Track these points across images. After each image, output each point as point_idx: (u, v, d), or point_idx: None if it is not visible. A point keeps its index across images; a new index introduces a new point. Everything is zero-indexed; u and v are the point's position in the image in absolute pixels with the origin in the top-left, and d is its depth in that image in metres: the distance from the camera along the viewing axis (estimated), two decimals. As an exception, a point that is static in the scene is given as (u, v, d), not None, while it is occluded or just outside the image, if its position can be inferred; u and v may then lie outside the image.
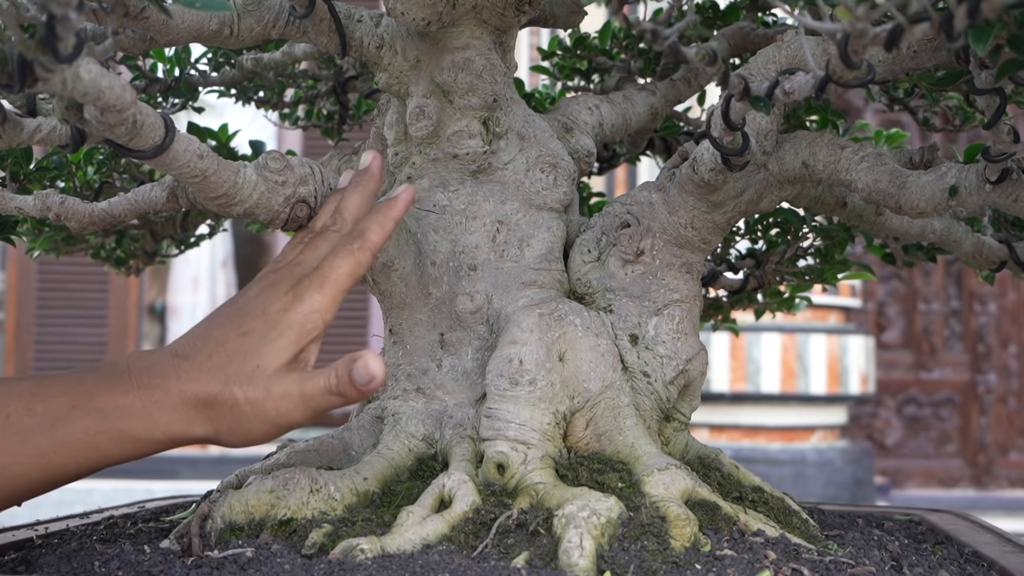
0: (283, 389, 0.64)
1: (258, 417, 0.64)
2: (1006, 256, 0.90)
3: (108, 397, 0.63)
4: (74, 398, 0.63)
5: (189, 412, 0.63)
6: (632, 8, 1.92)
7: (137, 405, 0.63)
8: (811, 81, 0.56)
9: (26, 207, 0.79)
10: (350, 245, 0.69)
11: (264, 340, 0.64)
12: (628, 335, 0.80)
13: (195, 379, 0.63)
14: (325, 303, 0.67)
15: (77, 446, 0.62)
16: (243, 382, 0.63)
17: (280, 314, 0.65)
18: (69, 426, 0.62)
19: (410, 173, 0.83)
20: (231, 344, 0.64)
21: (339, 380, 0.63)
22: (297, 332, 0.65)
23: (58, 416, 0.62)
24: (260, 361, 0.64)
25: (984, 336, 5.87)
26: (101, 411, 0.62)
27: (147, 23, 0.68)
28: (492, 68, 0.79)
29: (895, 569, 0.66)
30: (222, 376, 0.63)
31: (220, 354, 0.64)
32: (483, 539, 0.65)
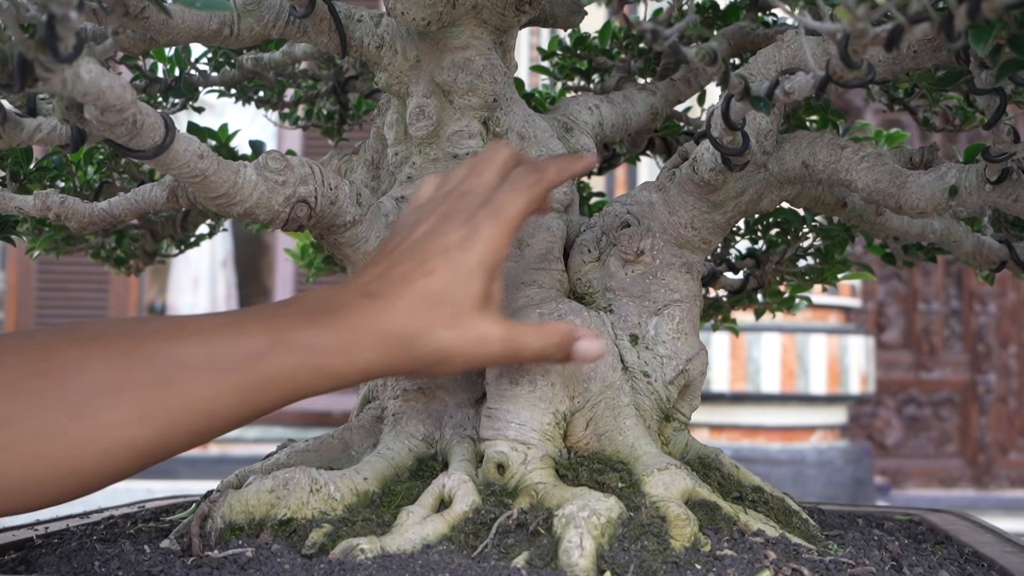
0: (498, 335, 0.67)
1: (463, 358, 0.67)
2: (1006, 256, 0.90)
3: (306, 334, 0.64)
4: (272, 335, 0.64)
5: (387, 350, 0.65)
6: (632, 8, 1.92)
7: (334, 343, 0.64)
8: (811, 81, 0.56)
9: (26, 207, 0.79)
10: (526, 178, 0.70)
11: (453, 283, 0.67)
12: (628, 335, 0.80)
13: (392, 319, 0.65)
14: (501, 241, 0.68)
15: (277, 381, 0.64)
16: (448, 326, 0.66)
17: (460, 252, 0.67)
18: (270, 362, 0.63)
19: (410, 173, 0.83)
20: (419, 284, 0.66)
21: (557, 349, 0.69)
22: (481, 274, 0.67)
23: (258, 353, 0.63)
24: (458, 307, 0.66)
25: (984, 336, 5.87)
26: (300, 348, 0.64)
27: (147, 23, 0.68)
28: (492, 68, 0.79)
29: (895, 569, 0.66)
30: (421, 317, 0.66)
31: (411, 294, 0.66)
32: (483, 539, 0.65)
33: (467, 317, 0.67)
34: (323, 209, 0.74)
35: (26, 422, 0.58)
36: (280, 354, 0.64)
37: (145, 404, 0.61)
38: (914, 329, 5.87)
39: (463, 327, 0.66)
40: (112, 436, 0.60)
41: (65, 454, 0.59)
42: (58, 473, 0.59)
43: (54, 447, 0.59)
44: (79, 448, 0.59)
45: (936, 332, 5.86)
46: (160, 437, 0.62)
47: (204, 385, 0.62)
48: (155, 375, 0.61)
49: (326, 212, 0.74)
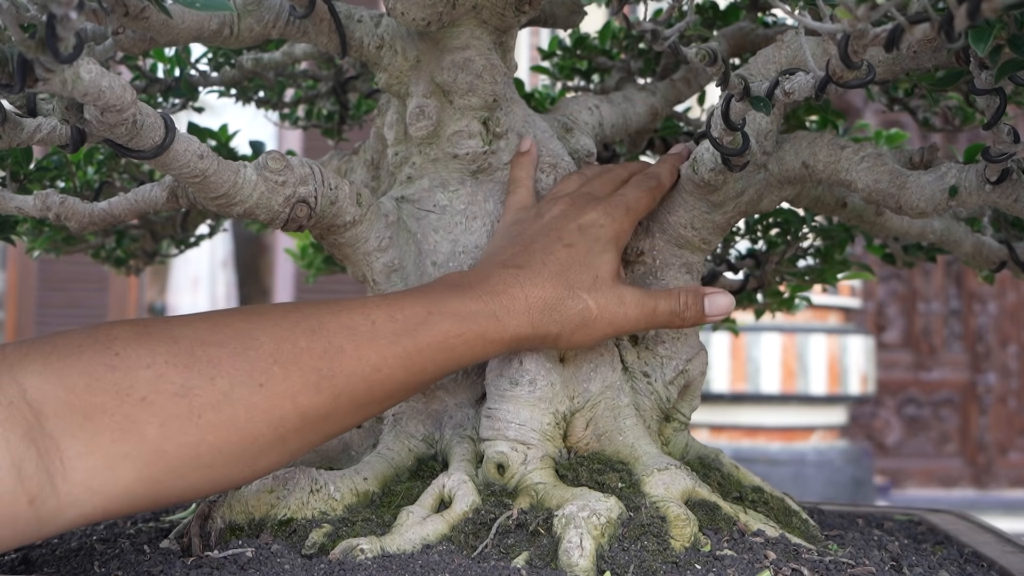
0: (635, 299, 0.73)
1: (605, 320, 0.72)
2: (1006, 256, 0.90)
3: (459, 303, 0.68)
4: (428, 305, 0.67)
5: (535, 315, 0.70)
6: (632, 8, 1.92)
7: (488, 310, 0.68)
8: (811, 81, 0.56)
9: (26, 207, 0.79)
10: (647, 182, 0.78)
11: (591, 253, 0.73)
12: (628, 335, 0.80)
13: (539, 285, 0.70)
14: (627, 225, 0.76)
15: (438, 347, 0.67)
16: (587, 288, 0.71)
17: (596, 229, 0.73)
18: (430, 330, 0.66)
19: (410, 173, 0.83)
20: (560, 254, 0.72)
21: (688, 306, 0.74)
22: (614, 248, 0.74)
23: (418, 322, 0.66)
24: (598, 272, 0.72)
25: (984, 336, 5.87)
26: (456, 315, 0.67)
27: (147, 23, 0.68)
28: (492, 68, 0.79)
29: (895, 569, 0.66)
30: (564, 282, 0.71)
31: (553, 263, 0.71)
32: (483, 539, 0.65)
33: (605, 282, 0.72)
34: (323, 209, 0.74)
35: (205, 390, 0.58)
36: (437, 321, 0.67)
37: (317, 372, 0.62)
38: (914, 329, 5.87)
39: (602, 290, 0.72)
40: (288, 404, 0.61)
41: (244, 422, 0.59)
42: (236, 441, 0.59)
43: (234, 415, 0.59)
44: (257, 416, 0.60)
45: (936, 332, 5.86)
46: (331, 405, 0.63)
47: (371, 353, 0.64)
48: (325, 344, 0.63)
49: (326, 212, 0.74)
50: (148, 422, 0.56)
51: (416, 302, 0.67)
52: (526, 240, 0.73)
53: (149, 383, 0.56)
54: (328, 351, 0.63)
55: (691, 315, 0.74)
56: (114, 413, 0.55)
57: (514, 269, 0.71)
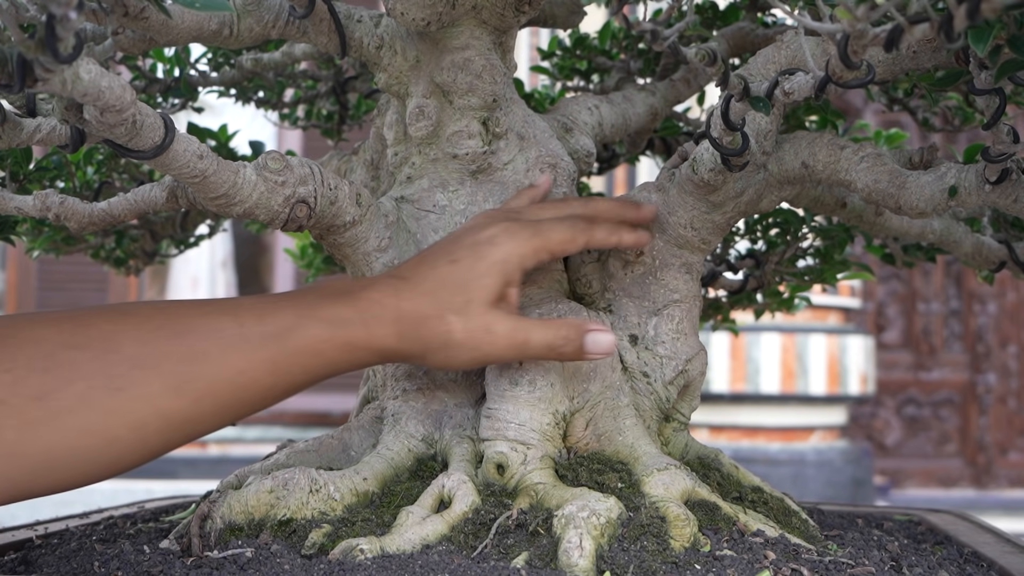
0: (506, 330, 0.69)
1: (469, 347, 0.68)
2: (1005, 256, 0.90)
3: (332, 309, 0.67)
4: (300, 310, 0.67)
5: (402, 327, 0.68)
6: (632, 8, 1.92)
7: (357, 318, 0.67)
8: (811, 81, 0.56)
9: (25, 207, 0.79)
10: (577, 222, 0.74)
11: (472, 273, 0.69)
12: (628, 335, 0.80)
13: (411, 299, 0.68)
14: (528, 251, 0.71)
15: (306, 353, 0.66)
16: (456, 311, 0.68)
17: (487, 247, 0.70)
18: (298, 334, 0.65)
19: (410, 173, 0.83)
20: (442, 270, 0.70)
21: (567, 341, 0.69)
22: (499, 272, 0.70)
23: (287, 326, 0.65)
24: (471, 296, 0.68)
25: (984, 336, 5.87)
26: (326, 321, 0.66)
27: (147, 23, 0.68)
28: (492, 68, 0.79)
29: (895, 569, 0.66)
30: (436, 300, 0.68)
31: (432, 279, 0.69)
32: (483, 539, 0.65)
33: (477, 307, 0.68)
34: (323, 209, 0.74)
35: (63, 394, 0.58)
36: (307, 326, 0.66)
37: (179, 376, 0.62)
38: (914, 329, 5.87)
39: (471, 315, 0.68)
40: (147, 408, 0.61)
41: (102, 426, 0.60)
42: (94, 444, 0.59)
43: (91, 419, 0.59)
44: (115, 420, 0.60)
45: (936, 332, 5.86)
46: (193, 409, 0.63)
47: (236, 357, 0.64)
48: (188, 348, 0.63)
49: (326, 212, 0.74)
50: (6, 425, 0.57)
51: (289, 306, 0.67)
52: (428, 252, 0.72)
53: (8, 387, 0.57)
54: (191, 355, 0.63)
55: (569, 351, 0.70)
56: None
57: (397, 280, 0.70)
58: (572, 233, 0.73)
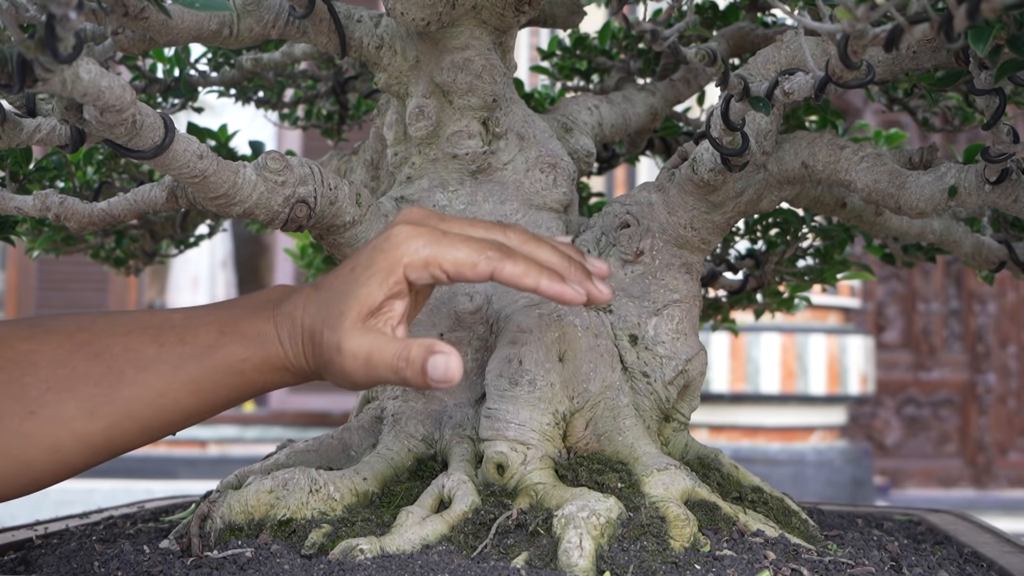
0: (353, 347, 0.60)
1: (334, 366, 0.61)
2: (1005, 256, 0.90)
3: (252, 324, 0.64)
4: (222, 325, 0.64)
5: (305, 346, 0.63)
6: (632, 8, 1.92)
7: (272, 333, 0.64)
8: (811, 81, 0.56)
9: (25, 207, 0.79)
10: (487, 249, 0.62)
11: (355, 283, 0.61)
12: (628, 335, 0.80)
13: (311, 312, 0.63)
14: (417, 259, 0.61)
15: (226, 372, 0.63)
16: (331, 327, 0.61)
17: (377, 254, 0.61)
18: (217, 353, 0.63)
19: (409, 173, 0.83)
20: (341, 278, 0.63)
21: (409, 365, 0.59)
22: (381, 280, 0.61)
23: (208, 344, 0.63)
24: (345, 306, 0.61)
25: (983, 336, 5.87)
26: (246, 337, 0.63)
27: (146, 23, 0.68)
28: (492, 68, 0.79)
29: (894, 569, 0.66)
30: (324, 313, 0.62)
31: (327, 289, 0.63)
32: (483, 539, 0.65)
33: (343, 321, 0.61)
34: (322, 209, 0.74)
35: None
36: (227, 343, 0.63)
37: (95, 399, 0.61)
38: (913, 329, 5.87)
39: (337, 330, 0.61)
40: (62, 431, 0.60)
41: (16, 450, 0.59)
42: (9, 468, 0.59)
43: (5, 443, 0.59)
44: (30, 443, 0.60)
45: (935, 332, 5.86)
46: (111, 431, 0.62)
47: (154, 378, 0.62)
48: (105, 370, 0.62)
49: (325, 212, 0.74)
50: None
51: (214, 322, 0.64)
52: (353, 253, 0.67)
53: None
54: (107, 377, 0.61)
55: (410, 375, 0.59)
56: None
57: (312, 289, 0.64)
58: (474, 258, 0.61)
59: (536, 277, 0.62)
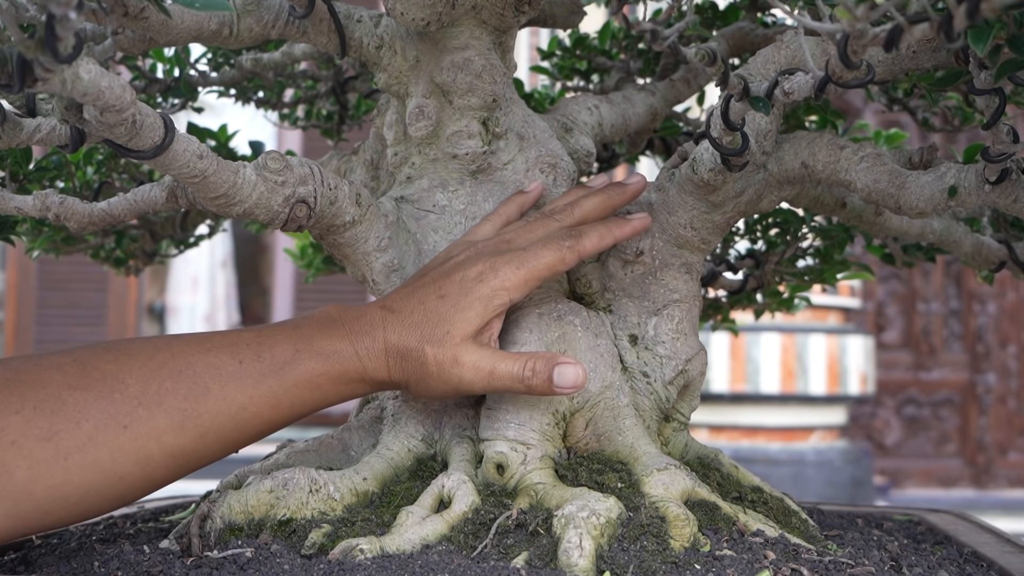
0: (473, 360, 0.69)
1: (441, 378, 0.69)
2: (1005, 256, 0.90)
3: (327, 342, 0.69)
4: (296, 343, 0.69)
5: (389, 360, 0.70)
6: (632, 8, 1.92)
7: (351, 350, 0.69)
8: (810, 81, 0.56)
9: (25, 207, 0.79)
10: (562, 241, 0.73)
11: (456, 307, 0.70)
12: (627, 335, 0.80)
13: (397, 332, 0.70)
14: (515, 282, 0.71)
15: (304, 386, 0.68)
16: (434, 343, 0.69)
17: (474, 283, 0.70)
18: (295, 369, 0.68)
19: (409, 173, 0.83)
20: (429, 304, 0.71)
21: (535, 374, 0.69)
22: (484, 305, 0.70)
23: (285, 361, 0.68)
24: (450, 327, 0.69)
25: (983, 336, 5.87)
26: (322, 354, 0.69)
27: (146, 23, 0.68)
28: (492, 68, 0.79)
29: (894, 569, 0.66)
30: (418, 333, 0.70)
31: (419, 312, 0.70)
32: (482, 539, 0.65)
33: (452, 339, 0.69)
34: (322, 209, 0.74)
35: (71, 434, 0.61)
36: (304, 360, 0.68)
37: (182, 413, 0.64)
38: (913, 329, 5.87)
39: (445, 347, 0.69)
40: (153, 444, 0.64)
41: (110, 463, 0.62)
42: (102, 481, 0.62)
43: (99, 457, 0.61)
44: (123, 457, 0.62)
45: (935, 332, 5.86)
46: (197, 444, 0.65)
47: (237, 393, 0.66)
48: (190, 385, 0.65)
49: (325, 212, 0.74)
50: (17, 465, 0.59)
51: (287, 339, 0.69)
52: (418, 283, 0.73)
53: (18, 428, 0.59)
54: (193, 391, 0.65)
55: (537, 383, 0.69)
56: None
57: (386, 312, 0.71)
58: (559, 255, 0.72)
59: (611, 233, 0.75)
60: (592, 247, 0.74)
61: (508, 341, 0.75)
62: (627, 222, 0.76)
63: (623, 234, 0.76)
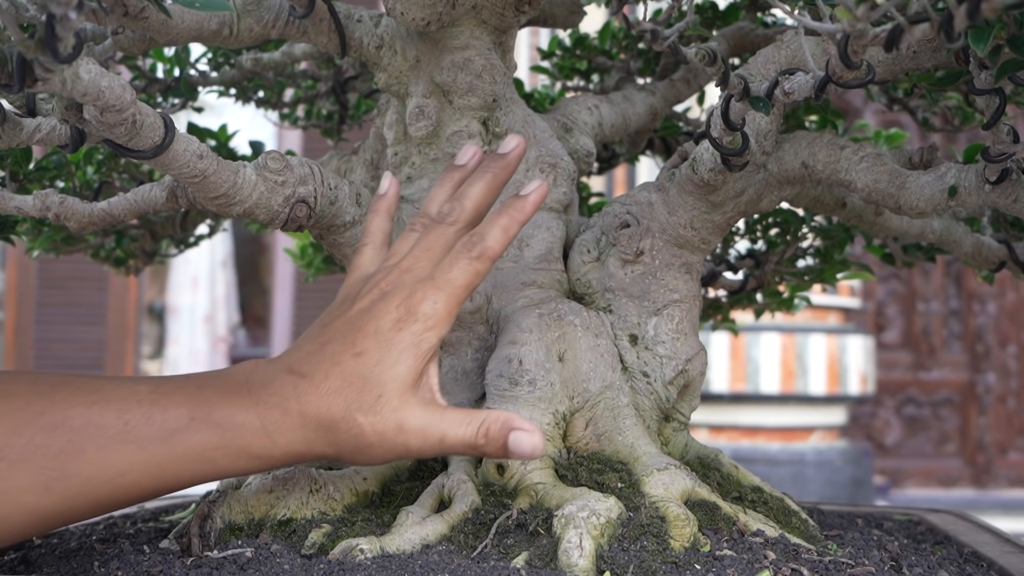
0: (419, 425, 0.62)
1: (384, 448, 0.62)
2: (1005, 256, 0.90)
3: (227, 412, 0.62)
4: (193, 409, 0.61)
5: (309, 433, 0.62)
6: (632, 8, 1.92)
7: (256, 423, 0.61)
8: (811, 81, 0.56)
9: (25, 207, 0.79)
10: (468, 253, 0.65)
11: (381, 365, 0.62)
12: (628, 335, 0.80)
13: (314, 402, 0.62)
14: (439, 318, 0.63)
15: (194, 459, 0.61)
16: (368, 412, 0.61)
17: (393, 333, 0.63)
18: (187, 439, 0.61)
19: (410, 173, 0.83)
20: (347, 365, 0.62)
21: (489, 441, 0.61)
22: (413, 355, 0.62)
23: (176, 428, 0.61)
24: (382, 390, 0.62)
25: (983, 336, 5.87)
26: (220, 426, 0.61)
27: (146, 23, 0.68)
28: (492, 68, 0.79)
29: (894, 569, 0.66)
30: (342, 401, 0.61)
31: (336, 376, 0.62)
32: (483, 539, 0.65)
33: (389, 402, 0.62)
34: (322, 209, 0.74)
35: None
36: (199, 430, 0.61)
37: (50, 473, 0.59)
38: (913, 329, 5.87)
39: (382, 413, 0.61)
40: (11, 503, 0.59)
41: None
42: None
43: None
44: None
45: (935, 332, 5.86)
46: (63, 506, 0.60)
47: (116, 458, 0.60)
48: (64, 444, 0.59)
49: (325, 212, 0.74)
50: None
51: (183, 402, 0.62)
52: (324, 338, 0.65)
53: None
54: (66, 451, 0.59)
55: (492, 450, 0.62)
56: None
57: (296, 377, 0.63)
58: (471, 268, 0.64)
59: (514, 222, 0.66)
60: (500, 245, 0.66)
61: (508, 341, 0.75)
62: (526, 200, 0.67)
63: (526, 215, 0.67)
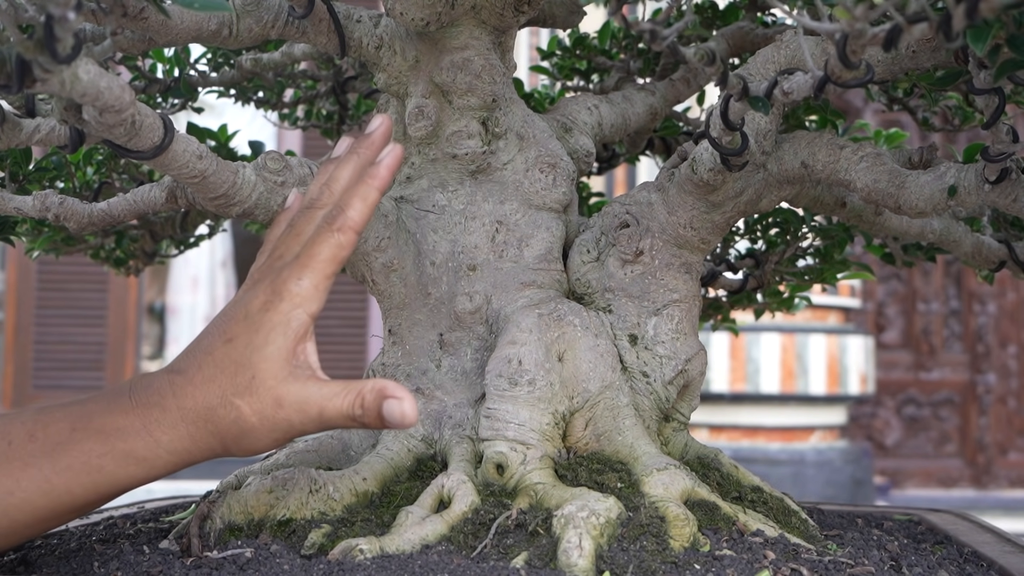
0: (297, 399, 0.61)
1: (267, 427, 0.61)
2: (1005, 256, 0.90)
3: (108, 418, 0.61)
4: (74, 421, 0.61)
5: (191, 427, 0.61)
6: (631, 8, 1.92)
7: (137, 424, 0.61)
8: (810, 81, 0.56)
9: (25, 207, 0.79)
10: (330, 227, 0.64)
11: (251, 347, 0.61)
12: (627, 335, 0.80)
13: (190, 393, 0.61)
14: (306, 295, 0.62)
15: (80, 469, 0.60)
16: (243, 393, 0.61)
17: (261, 315, 0.62)
18: (70, 449, 0.60)
19: (409, 173, 0.83)
20: (218, 353, 0.62)
21: (365, 411, 0.60)
22: (282, 334, 0.61)
23: (59, 440, 0.60)
24: (255, 371, 0.61)
25: (983, 336, 5.87)
26: (101, 432, 0.61)
27: (146, 23, 0.68)
28: (491, 68, 0.79)
29: (894, 569, 0.66)
30: (217, 389, 0.61)
31: (209, 365, 0.62)
32: (482, 539, 0.65)
33: (263, 381, 0.61)
34: (322, 209, 0.74)
35: None
36: (80, 440, 0.61)
37: None
38: (913, 329, 5.87)
39: (258, 393, 0.61)
40: None
41: None
42: None
43: None
44: None
45: (935, 332, 5.86)
46: None
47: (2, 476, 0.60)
48: None
49: (325, 212, 0.74)
50: None
51: (63, 418, 0.61)
52: (202, 334, 0.64)
53: None
54: None
55: (369, 419, 0.61)
56: None
57: (174, 375, 0.62)
58: (334, 240, 0.63)
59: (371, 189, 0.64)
60: (361, 215, 0.64)
61: (507, 341, 0.75)
62: (380, 165, 0.66)
63: (383, 181, 0.65)
